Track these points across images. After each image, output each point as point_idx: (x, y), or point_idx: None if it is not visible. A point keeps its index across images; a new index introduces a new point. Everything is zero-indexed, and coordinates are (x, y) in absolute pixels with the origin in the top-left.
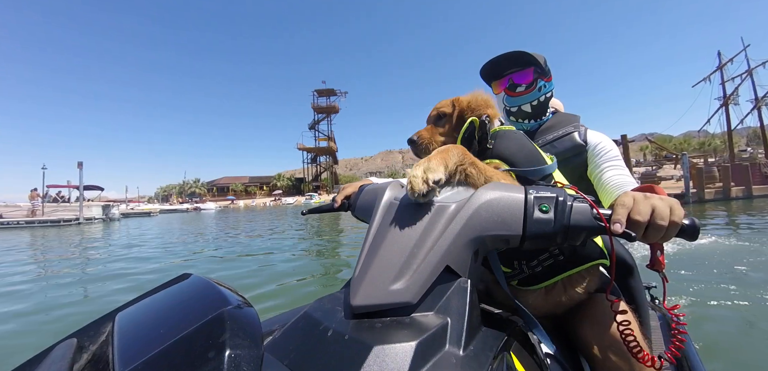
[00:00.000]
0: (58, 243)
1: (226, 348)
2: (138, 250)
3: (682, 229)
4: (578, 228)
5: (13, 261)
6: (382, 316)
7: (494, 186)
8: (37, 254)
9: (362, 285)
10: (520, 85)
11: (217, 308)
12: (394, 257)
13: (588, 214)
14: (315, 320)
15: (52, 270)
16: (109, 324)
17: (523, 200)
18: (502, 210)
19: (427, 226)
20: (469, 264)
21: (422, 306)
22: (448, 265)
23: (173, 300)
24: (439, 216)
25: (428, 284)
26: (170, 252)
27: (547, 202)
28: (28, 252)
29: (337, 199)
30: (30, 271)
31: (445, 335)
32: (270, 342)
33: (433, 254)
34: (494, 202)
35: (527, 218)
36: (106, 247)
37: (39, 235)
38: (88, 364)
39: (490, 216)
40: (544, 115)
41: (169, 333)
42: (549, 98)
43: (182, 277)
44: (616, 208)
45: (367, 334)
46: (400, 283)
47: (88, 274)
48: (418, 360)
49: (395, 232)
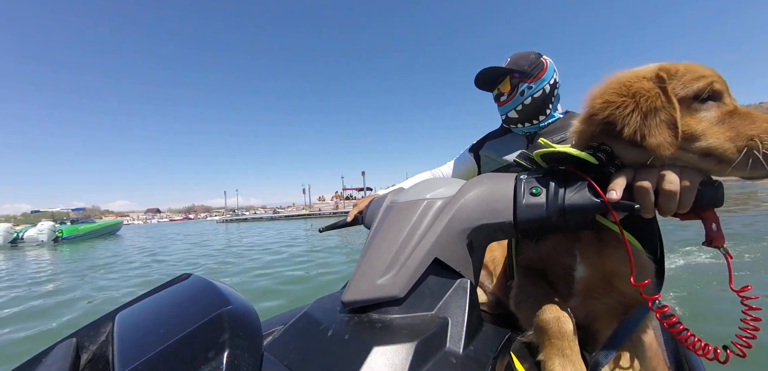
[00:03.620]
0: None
1: (226, 348)
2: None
3: (701, 194)
4: (575, 208)
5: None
6: (372, 310)
7: (484, 177)
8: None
9: (353, 282)
10: (502, 93)
11: (217, 308)
12: (382, 254)
13: (584, 192)
14: (315, 320)
15: (350, 239)
16: (109, 324)
17: (513, 186)
18: (492, 200)
19: (415, 222)
20: (462, 257)
21: (422, 305)
22: (438, 258)
23: (173, 300)
24: (426, 212)
25: (416, 277)
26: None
27: (539, 185)
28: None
29: (350, 214)
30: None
31: (445, 335)
32: (270, 342)
33: (420, 248)
34: (483, 192)
35: (517, 204)
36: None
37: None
38: (88, 364)
39: (479, 206)
40: (538, 116)
41: (169, 333)
42: (539, 98)
43: (182, 277)
44: (614, 178)
45: (367, 334)
46: (387, 278)
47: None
48: (418, 360)
49: (386, 231)
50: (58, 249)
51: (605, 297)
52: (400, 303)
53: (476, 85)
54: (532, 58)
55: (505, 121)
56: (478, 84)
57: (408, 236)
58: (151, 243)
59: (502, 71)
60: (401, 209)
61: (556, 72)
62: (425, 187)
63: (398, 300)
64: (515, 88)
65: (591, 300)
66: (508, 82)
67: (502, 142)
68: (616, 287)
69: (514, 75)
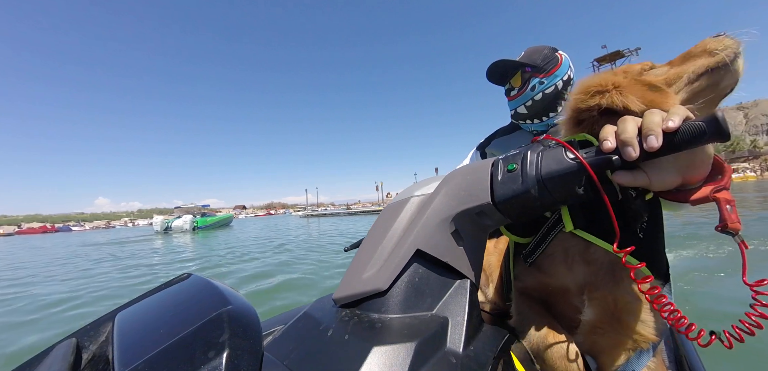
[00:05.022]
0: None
1: (226, 348)
2: None
3: (693, 133)
4: (552, 176)
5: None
6: (363, 305)
7: (465, 167)
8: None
9: (343, 280)
10: (513, 88)
11: (217, 308)
12: (369, 251)
13: (561, 157)
14: (315, 320)
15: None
16: (109, 324)
17: (491, 166)
18: (470, 184)
19: (399, 219)
20: (446, 247)
21: (422, 305)
22: (420, 249)
23: (173, 300)
24: (410, 208)
25: (398, 269)
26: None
27: (515, 160)
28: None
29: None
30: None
31: (445, 335)
32: (270, 342)
33: (402, 241)
34: (461, 179)
35: (494, 182)
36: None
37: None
38: (88, 364)
39: (458, 193)
40: (548, 113)
41: (169, 333)
42: (551, 94)
43: (182, 277)
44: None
45: (367, 334)
46: (371, 272)
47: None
48: (417, 359)
49: (374, 231)
50: (196, 235)
51: (613, 334)
52: (384, 294)
53: (488, 77)
54: (545, 52)
55: (514, 117)
56: (489, 77)
57: (392, 232)
58: (264, 232)
59: (514, 64)
60: (389, 209)
61: (571, 68)
62: (415, 186)
63: (382, 292)
64: (526, 82)
65: (596, 336)
66: (519, 77)
67: (509, 139)
68: (627, 324)
69: (525, 69)
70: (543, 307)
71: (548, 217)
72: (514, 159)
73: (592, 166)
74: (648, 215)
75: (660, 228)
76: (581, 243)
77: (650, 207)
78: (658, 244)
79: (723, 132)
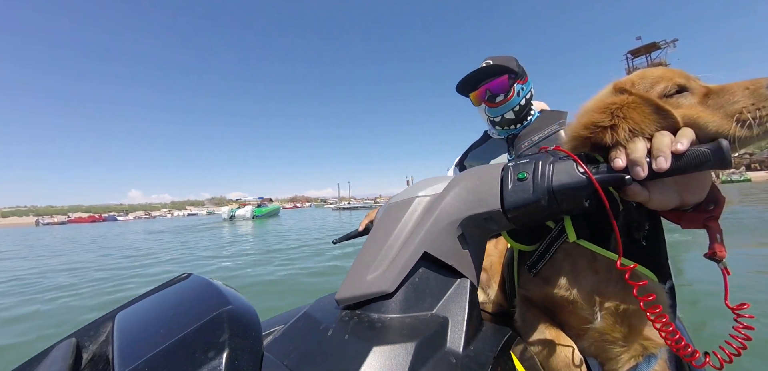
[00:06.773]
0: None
1: (226, 348)
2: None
3: (698, 159)
4: (563, 188)
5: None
6: (366, 306)
7: (473, 170)
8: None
9: (346, 281)
10: (498, 94)
11: (217, 308)
12: (374, 252)
13: (572, 169)
14: (315, 320)
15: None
16: (109, 324)
17: (501, 174)
18: (479, 189)
19: (405, 219)
20: (453, 250)
21: (422, 305)
22: (427, 252)
23: (173, 300)
24: (416, 208)
25: (405, 272)
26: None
27: (526, 168)
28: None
29: (362, 224)
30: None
31: (445, 334)
32: (270, 342)
33: (409, 243)
34: (471, 183)
35: (504, 189)
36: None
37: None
38: (88, 364)
39: (467, 197)
40: (528, 117)
41: (169, 333)
42: (530, 99)
43: (182, 277)
44: (614, 150)
45: (367, 334)
46: (377, 274)
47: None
48: (417, 359)
49: (378, 231)
50: (256, 223)
51: (623, 341)
52: (390, 297)
53: (458, 89)
54: (514, 60)
55: (499, 123)
56: (460, 85)
57: (398, 233)
58: (308, 222)
59: (500, 70)
60: (393, 209)
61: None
62: (418, 186)
63: (388, 295)
64: (512, 87)
65: (606, 343)
66: (506, 80)
67: (484, 149)
68: (638, 331)
69: (510, 75)
70: (547, 314)
71: (551, 227)
72: (524, 167)
73: (604, 182)
74: (649, 223)
75: (661, 234)
76: (587, 253)
77: (650, 216)
78: (659, 251)
79: (725, 160)
